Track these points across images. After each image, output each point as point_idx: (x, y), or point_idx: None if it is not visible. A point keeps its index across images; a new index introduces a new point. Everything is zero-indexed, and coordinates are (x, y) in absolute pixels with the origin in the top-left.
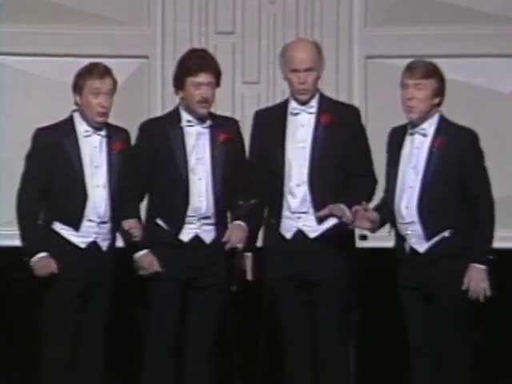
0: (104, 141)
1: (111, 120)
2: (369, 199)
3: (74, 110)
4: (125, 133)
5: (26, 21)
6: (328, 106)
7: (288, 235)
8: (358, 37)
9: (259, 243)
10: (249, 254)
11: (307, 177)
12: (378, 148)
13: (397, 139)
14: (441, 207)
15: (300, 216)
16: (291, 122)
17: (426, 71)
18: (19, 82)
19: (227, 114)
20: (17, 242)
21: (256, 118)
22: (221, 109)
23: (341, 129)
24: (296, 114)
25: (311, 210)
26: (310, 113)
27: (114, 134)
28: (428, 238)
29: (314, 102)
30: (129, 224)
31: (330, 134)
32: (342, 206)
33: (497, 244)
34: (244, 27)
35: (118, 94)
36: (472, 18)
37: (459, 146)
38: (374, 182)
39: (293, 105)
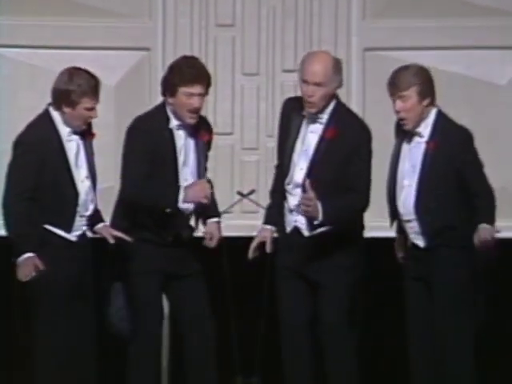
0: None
1: (112, 111)
2: (349, 212)
3: (50, 104)
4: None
5: (28, 13)
6: (337, 121)
7: (288, 229)
8: (356, 29)
9: None
10: (269, 227)
11: (302, 181)
12: (375, 140)
13: (399, 133)
14: (438, 206)
15: (296, 214)
16: (304, 125)
17: (405, 82)
18: (21, 74)
19: (227, 105)
20: None
21: (284, 106)
22: (221, 100)
23: (342, 144)
24: (308, 119)
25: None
26: (320, 123)
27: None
28: (426, 235)
29: (326, 114)
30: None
31: (331, 147)
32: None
33: None
34: (244, 20)
35: (119, 86)
36: (469, 11)
37: (453, 146)
38: (364, 198)
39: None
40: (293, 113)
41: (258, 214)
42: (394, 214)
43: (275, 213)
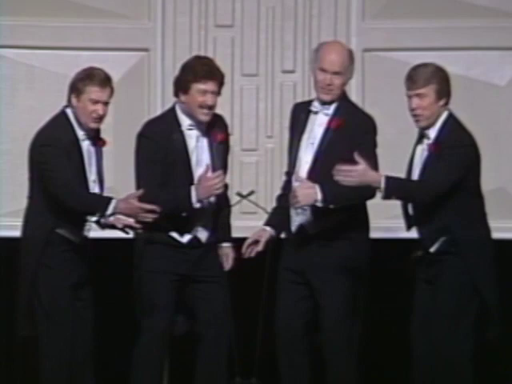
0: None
1: (111, 112)
2: (351, 190)
3: (66, 106)
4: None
5: (27, 14)
6: (343, 112)
7: (293, 228)
8: (355, 30)
9: None
10: (267, 229)
11: (307, 174)
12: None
13: (418, 135)
14: (434, 213)
15: (299, 212)
16: (311, 119)
17: (424, 79)
18: (20, 74)
19: (226, 106)
20: (17, 232)
21: (293, 110)
22: (220, 101)
23: (347, 134)
24: (316, 113)
25: (308, 207)
26: (326, 114)
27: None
28: (426, 240)
29: (333, 105)
30: None
31: (337, 138)
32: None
33: (492, 235)
34: (243, 20)
35: (118, 86)
36: (468, 12)
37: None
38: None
39: (315, 103)
40: (301, 113)
41: (257, 215)
42: (408, 216)
43: (277, 216)
